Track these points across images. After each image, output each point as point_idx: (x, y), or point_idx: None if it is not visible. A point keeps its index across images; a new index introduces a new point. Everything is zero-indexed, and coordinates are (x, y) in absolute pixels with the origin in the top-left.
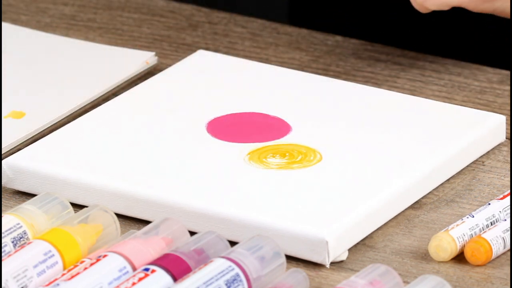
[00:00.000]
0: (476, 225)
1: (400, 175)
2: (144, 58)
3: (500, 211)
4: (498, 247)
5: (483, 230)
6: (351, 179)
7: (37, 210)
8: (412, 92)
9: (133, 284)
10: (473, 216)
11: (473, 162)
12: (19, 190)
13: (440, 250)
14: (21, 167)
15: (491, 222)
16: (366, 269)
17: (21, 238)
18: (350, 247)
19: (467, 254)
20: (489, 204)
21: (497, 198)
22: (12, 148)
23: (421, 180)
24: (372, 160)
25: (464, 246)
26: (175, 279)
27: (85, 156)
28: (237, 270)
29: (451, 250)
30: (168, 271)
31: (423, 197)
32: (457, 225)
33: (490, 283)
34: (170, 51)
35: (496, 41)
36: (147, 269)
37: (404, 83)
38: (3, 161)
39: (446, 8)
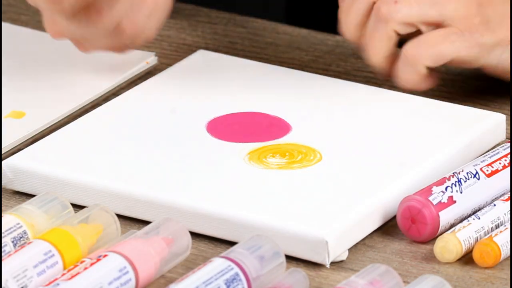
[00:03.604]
0: (482, 227)
1: (400, 175)
2: (144, 58)
3: (505, 213)
4: (507, 252)
5: (488, 233)
6: (351, 179)
7: (37, 210)
8: (412, 92)
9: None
10: (479, 218)
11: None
12: (19, 191)
13: (445, 251)
14: (21, 168)
15: (496, 225)
16: (366, 269)
17: (21, 238)
18: (350, 247)
19: (475, 255)
20: (495, 205)
21: (502, 199)
22: (12, 148)
23: (421, 179)
24: (372, 160)
25: (469, 248)
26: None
27: (85, 156)
28: (236, 269)
29: (456, 252)
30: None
31: None
32: (464, 226)
33: (490, 283)
34: (170, 51)
35: None
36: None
37: None
38: (3, 162)
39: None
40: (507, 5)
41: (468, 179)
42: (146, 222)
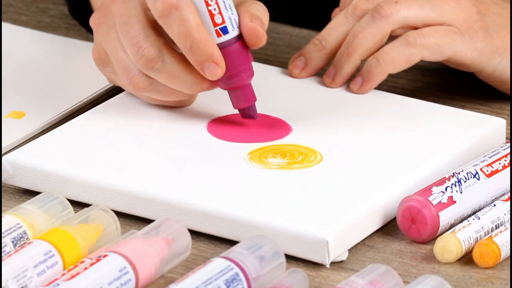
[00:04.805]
0: (482, 228)
1: (400, 176)
2: None
3: (505, 214)
4: (507, 252)
5: (488, 233)
6: (351, 179)
7: (37, 210)
8: (413, 92)
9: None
10: (479, 218)
11: None
12: (19, 186)
13: (445, 252)
14: (21, 164)
15: (496, 225)
16: (366, 269)
17: (21, 238)
18: (350, 247)
19: (475, 255)
20: (495, 205)
21: (502, 199)
22: (12, 148)
23: (421, 182)
24: (372, 161)
25: (469, 248)
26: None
27: (86, 153)
28: (236, 269)
29: (456, 252)
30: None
31: None
32: (464, 227)
33: (490, 283)
34: None
35: None
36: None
37: (404, 83)
38: (3, 157)
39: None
40: (503, 18)
41: (468, 179)
42: (147, 222)
